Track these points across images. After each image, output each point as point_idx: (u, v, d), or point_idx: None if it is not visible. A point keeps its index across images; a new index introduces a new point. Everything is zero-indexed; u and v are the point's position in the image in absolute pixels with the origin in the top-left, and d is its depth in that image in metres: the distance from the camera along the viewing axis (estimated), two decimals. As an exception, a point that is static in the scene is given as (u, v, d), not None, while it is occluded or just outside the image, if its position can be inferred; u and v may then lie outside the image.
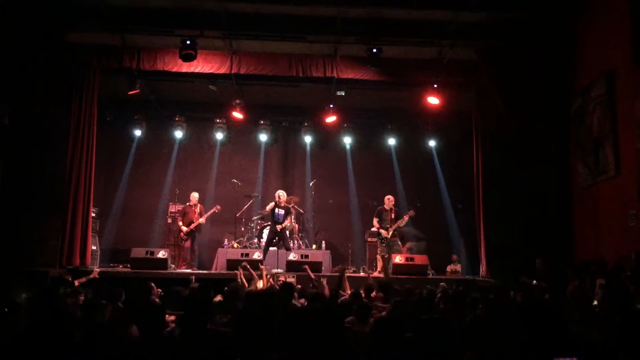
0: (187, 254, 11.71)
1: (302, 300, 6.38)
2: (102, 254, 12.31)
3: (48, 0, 9.98)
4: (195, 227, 11.71)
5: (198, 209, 11.85)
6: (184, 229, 11.61)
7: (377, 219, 11.33)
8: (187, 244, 11.71)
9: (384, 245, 11.15)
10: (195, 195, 11.95)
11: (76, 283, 8.04)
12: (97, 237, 12.06)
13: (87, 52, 10.82)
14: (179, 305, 4.83)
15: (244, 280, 8.51)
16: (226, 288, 6.24)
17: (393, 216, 11.29)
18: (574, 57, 10.23)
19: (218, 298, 6.35)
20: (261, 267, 9.42)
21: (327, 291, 7.11)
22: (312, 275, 8.59)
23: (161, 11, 10.16)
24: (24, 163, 10.16)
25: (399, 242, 11.32)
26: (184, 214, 11.87)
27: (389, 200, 11.46)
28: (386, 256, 10.97)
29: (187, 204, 12.00)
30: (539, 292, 7.07)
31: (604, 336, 3.97)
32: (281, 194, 11.50)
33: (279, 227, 11.29)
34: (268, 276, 8.80)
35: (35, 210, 10.14)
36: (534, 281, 8.00)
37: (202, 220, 11.81)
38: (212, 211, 11.96)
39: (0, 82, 9.96)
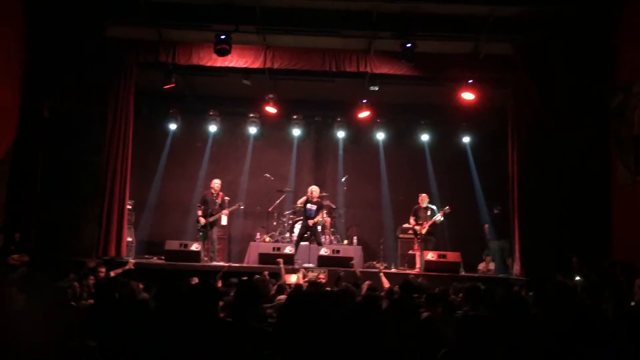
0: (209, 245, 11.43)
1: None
2: (137, 245, 12.52)
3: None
4: (215, 219, 11.46)
5: (220, 199, 11.58)
6: (202, 220, 11.28)
7: (414, 217, 11.39)
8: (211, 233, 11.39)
9: (419, 241, 11.21)
10: (217, 182, 11.66)
11: (112, 274, 8.24)
12: (132, 229, 12.27)
13: (125, 46, 11.00)
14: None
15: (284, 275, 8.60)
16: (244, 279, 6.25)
17: (429, 213, 11.33)
18: (615, 52, 9.95)
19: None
20: (296, 261, 9.51)
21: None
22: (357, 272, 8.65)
23: (197, 6, 10.26)
24: (63, 154, 10.38)
25: (434, 240, 11.33)
26: (204, 202, 11.54)
27: (423, 198, 11.49)
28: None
29: (209, 190, 11.69)
30: (575, 290, 6.93)
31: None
32: (314, 189, 11.55)
33: (310, 222, 11.33)
34: (304, 271, 8.87)
35: (73, 201, 10.33)
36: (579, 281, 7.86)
37: (224, 214, 11.52)
38: (234, 207, 11.98)
39: (41, 76, 10.22)
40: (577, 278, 8.21)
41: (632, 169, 9.20)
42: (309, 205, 11.41)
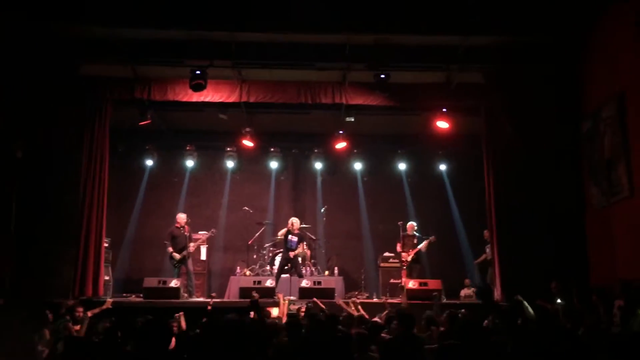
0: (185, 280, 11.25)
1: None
2: (115, 283, 12.32)
3: (60, 34, 10.14)
4: (188, 253, 11.28)
5: (187, 232, 11.43)
6: (177, 256, 11.15)
7: (401, 244, 11.73)
8: (183, 269, 11.25)
9: (405, 269, 11.32)
10: (182, 216, 11.54)
11: (89, 314, 8.07)
12: (109, 267, 12.08)
13: (99, 84, 10.98)
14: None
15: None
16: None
17: (415, 241, 11.53)
18: (584, 79, 10.24)
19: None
20: (278, 295, 9.44)
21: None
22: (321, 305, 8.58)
23: (171, 42, 10.32)
24: (37, 195, 10.25)
25: (421, 266, 11.48)
26: (172, 238, 11.38)
27: (411, 226, 11.82)
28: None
29: (175, 226, 11.52)
30: (555, 315, 6.98)
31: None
32: (295, 221, 11.53)
33: (291, 254, 11.27)
34: (285, 302, 8.79)
35: (48, 242, 10.18)
36: (550, 304, 7.91)
37: (191, 248, 11.39)
38: (208, 235, 11.91)
39: (14, 116, 10.14)
40: (558, 301, 8.27)
41: (605, 191, 9.38)
42: (290, 237, 11.37)
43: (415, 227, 11.96)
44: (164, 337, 4.10)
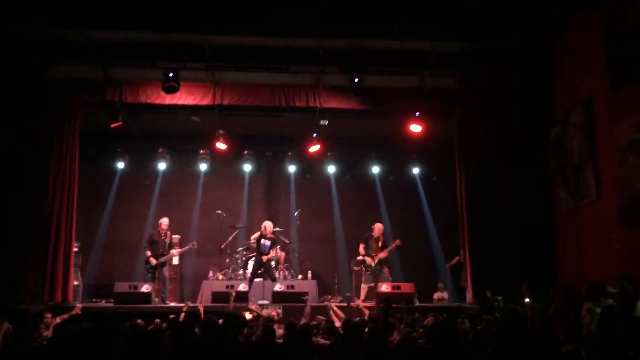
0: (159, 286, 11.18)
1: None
2: (84, 289, 12.19)
3: (27, 36, 10.01)
4: (165, 260, 11.19)
5: (168, 238, 11.36)
6: (153, 261, 10.99)
7: (364, 246, 11.32)
8: (158, 274, 11.11)
9: (368, 273, 11.14)
10: (165, 221, 11.40)
11: (58, 319, 8.00)
12: (79, 272, 11.95)
13: (68, 86, 10.87)
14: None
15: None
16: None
17: (380, 244, 11.30)
18: (553, 84, 10.48)
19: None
20: (250, 298, 9.46)
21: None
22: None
23: (143, 44, 10.26)
24: (4, 199, 10.10)
25: (386, 271, 11.30)
26: (151, 242, 11.24)
27: (377, 228, 11.45)
28: (372, 285, 10.97)
29: (156, 230, 11.42)
30: (524, 316, 7.14)
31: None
32: (268, 225, 11.49)
33: (264, 258, 11.26)
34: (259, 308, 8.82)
35: (16, 247, 10.04)
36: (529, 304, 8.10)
37: (174, 254, 11.45)
38: (187, 247, 11.85)
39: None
40: (527, 300, 8.45)
41: (574, 194, 9.61)
42: (262, 241, 11.37)
43: (382, 230, 11.49)
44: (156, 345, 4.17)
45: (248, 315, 8.91)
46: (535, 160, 10.55)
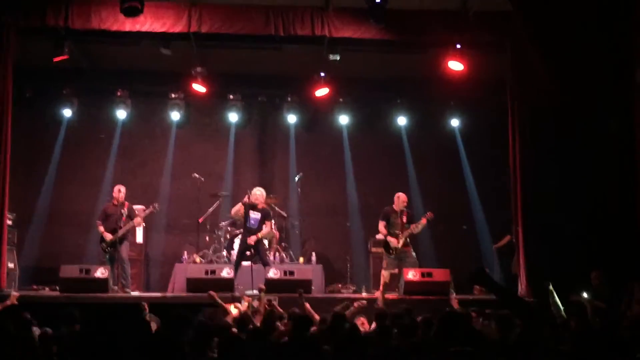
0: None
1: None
2: (21, 273, 12.25)
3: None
4: (123, 234, 11.30)
5: (126, 209, 11.45)
6: (108, 236, 11.15)
7: (384, 223, 11.28)
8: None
9: (392, 257, 11.14)
10: (121, 190, 11.47)
11: (-13, 311, 8.05)
12: (14, 252, 12.00)
13: (-2, 6, 10.79)
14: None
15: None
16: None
17: (405, 220, 11.28)
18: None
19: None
20: (236, 287, 9.49)
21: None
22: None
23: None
24: None
25: (413, 254, 11.30)
26: (105, 216, 11.43)
27: (399, 199, 11.41)
28: (395, 272, 10.99)
29: (109, 202, 11.60)
30: (595, 315, 7.14)
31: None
32: (258, 193, 11.40)
33: (253, 237, 11.23)
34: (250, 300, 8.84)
35: None
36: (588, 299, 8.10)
37: (136, 223, 11.52)
38: (148, 211, 11.84)
39: None
40: (585, 295, 8.47)
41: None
42: (251, 214, 11.35)
43: (406, 202, 11.35)
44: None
45: (234, 311, 8.95)
46: (616, 109, 10.39)
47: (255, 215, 11.33)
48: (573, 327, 6.13)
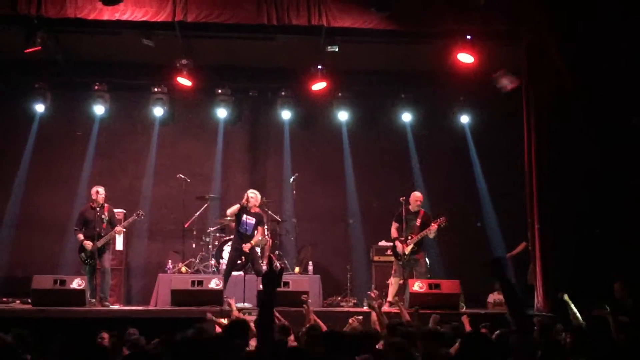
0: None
1: None
2: (-10, 284, 12.33)
3: None
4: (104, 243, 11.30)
5: (106, 212, 11.47)
6: (89, 245, 11.14)
7: (397, 225, 11.36)
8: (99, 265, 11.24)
9: (400, 264, 11.21)
10: (99, 192, 11.47)
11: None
12: (-18, 261, 12.07)
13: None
14: None
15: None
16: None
17: (419, 222, 11.38)
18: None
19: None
20: (228, 301, 9.49)
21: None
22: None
23: None
24: None
25: (427, 261, 11.34)
26: (83, 222, 11.42)
27: (415, 199, 11.50)
28: (401, 282, 11.06)
29: (89, 205, 11.58)
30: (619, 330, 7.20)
31: None
32: (252, 196, 11.41)
33: (248, 244, 11.28)
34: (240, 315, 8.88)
35: None
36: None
37: (117, 232, 11.51)
38: (131, 219, 11.90)
39: None
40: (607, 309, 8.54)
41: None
42: (244, 218, 11.39)
43: (420, 202, 11.57)
44: None
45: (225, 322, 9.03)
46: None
47: (250, 220, 11.38)
48: (595, 342, 6.19)
